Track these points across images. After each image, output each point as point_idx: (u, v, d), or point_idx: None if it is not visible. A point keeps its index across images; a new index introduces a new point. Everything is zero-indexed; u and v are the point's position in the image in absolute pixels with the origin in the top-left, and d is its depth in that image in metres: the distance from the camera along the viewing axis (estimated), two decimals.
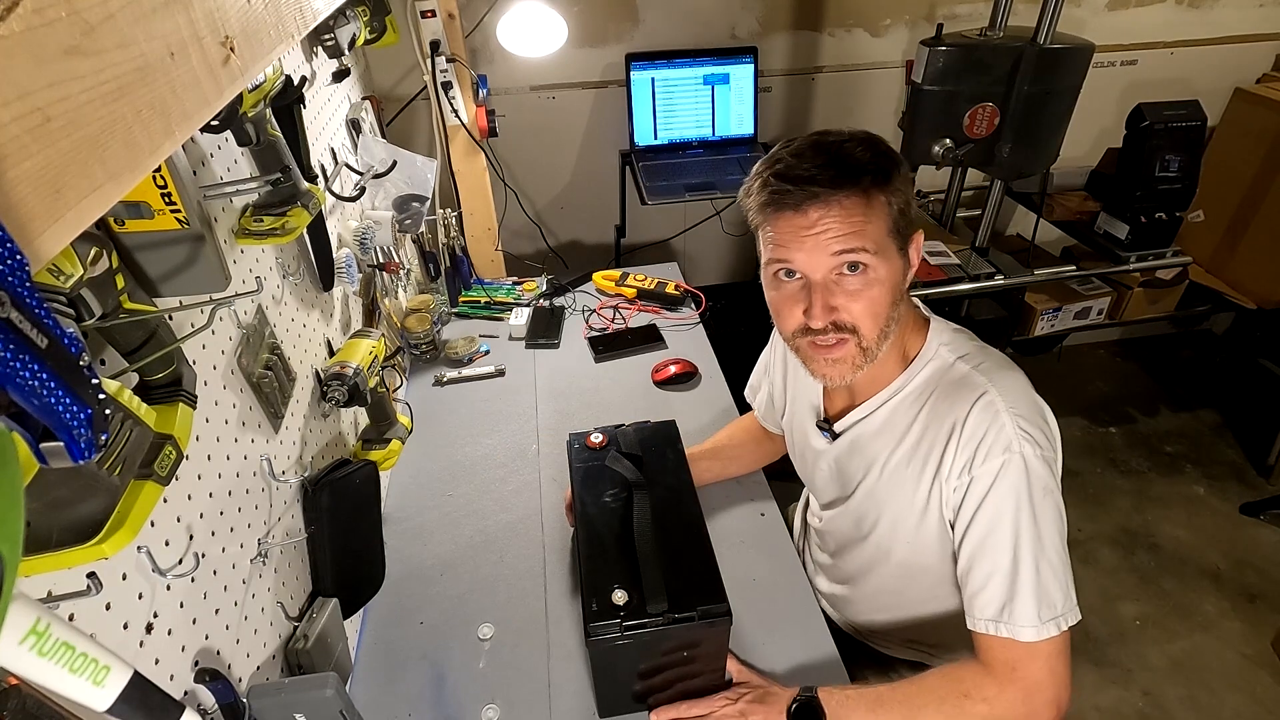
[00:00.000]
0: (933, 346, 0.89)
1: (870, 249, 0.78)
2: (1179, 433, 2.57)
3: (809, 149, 0.80)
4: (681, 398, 1.49)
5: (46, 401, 0.25)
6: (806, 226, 0.78)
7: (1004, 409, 0.80)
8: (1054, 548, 0.79)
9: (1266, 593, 2.03)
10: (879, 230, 0.79)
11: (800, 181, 0.77)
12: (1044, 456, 0.79)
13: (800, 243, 0.79)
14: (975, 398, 0.82)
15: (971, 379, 0.84)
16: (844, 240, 0.78)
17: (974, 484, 0.80)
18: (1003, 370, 0.85)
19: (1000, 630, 0.79)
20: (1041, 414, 0.83)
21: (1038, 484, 0.78)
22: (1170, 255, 2.06)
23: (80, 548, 0.48)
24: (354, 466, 1.07)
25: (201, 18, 0.38)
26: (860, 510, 0.97)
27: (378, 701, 0.98)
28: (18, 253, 0.23)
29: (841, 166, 0.78)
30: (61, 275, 0.47)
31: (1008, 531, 0.78)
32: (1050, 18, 1.66)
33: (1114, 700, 1.80)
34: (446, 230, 1.73)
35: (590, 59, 2.10)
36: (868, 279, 0.80)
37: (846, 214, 0.77)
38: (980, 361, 0.86)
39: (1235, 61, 2.39)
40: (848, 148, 0.79)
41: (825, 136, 0.81)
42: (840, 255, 0.78)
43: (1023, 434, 0.79)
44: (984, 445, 0.79)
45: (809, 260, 0.80)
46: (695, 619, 0.82)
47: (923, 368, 0.88)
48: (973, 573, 0.82)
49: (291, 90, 0.86)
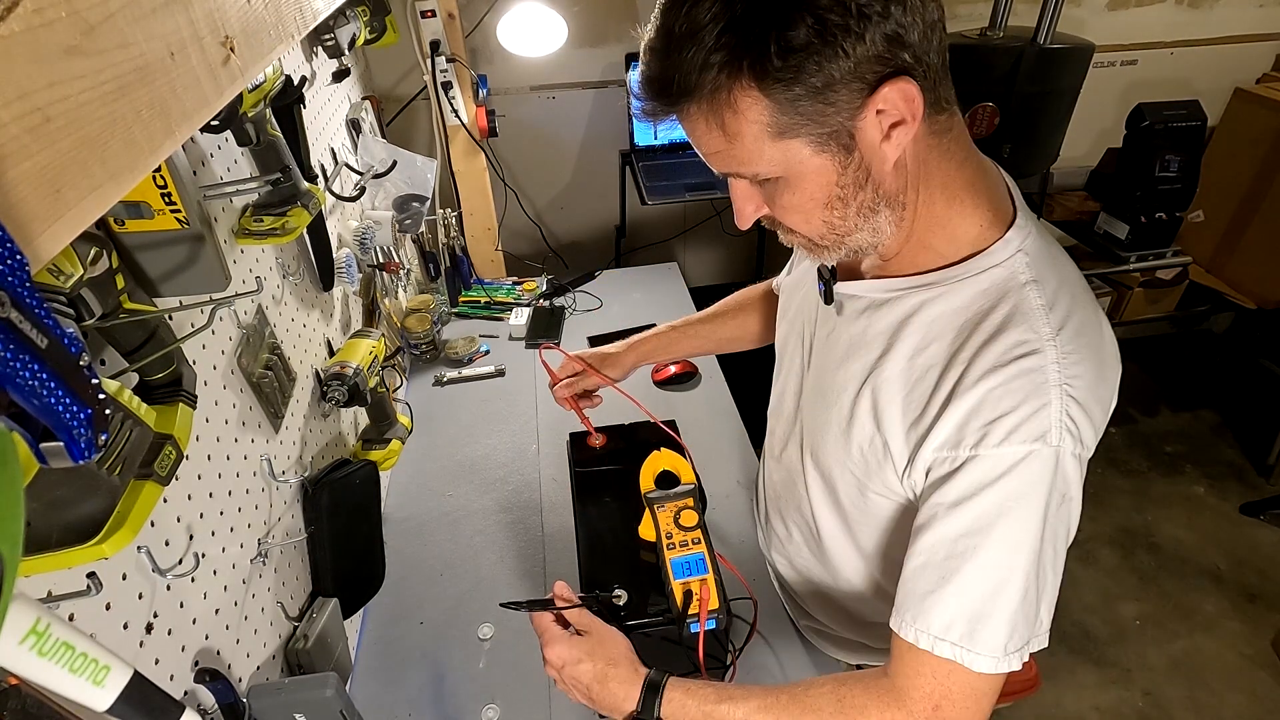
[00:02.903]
0: (1008, 249, 0.62)
1: (746, 172, 0.58)
2: (1179, 433, 2.56)
3: (652, 42, 0.56)
4: (681, 398, 1.49)
5: (46, 401, 0.25)
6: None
7: (1057, 382, 0.58)
8: (1052, 567, 0.61)
9: (1266, 593, 2.03)
10: (753, 144, 0.55)
11: (642, 98, 0.58)
12: (1079, 455, 0.60)
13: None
14: (1027, 350, 0.59)
15: (1035, 322, 0.59)
16: (717, 162, 0.59)
17: (977, 463, 0.60)
18: (1082, 326, 0.61)
19: (950, 653, 0.61)
20: (1102, 400, 0.62)
21: (1060, 490, 0.60)
22: (1170, 255, 2.06)
23: (80, 548, 0.48)
24: (354, 466, 1.07)
25: (201, 18, 0.38)
26: (811, 419, 0.79)
27: (378, 701, 0.98)
28: (18, 253, 0.23)
29: (667, 82, 0.55)
30: (61, 275, 0.47)
31: (1004, 540, 0.59)
32: (1050, 18, 1.66)
33: (1114, 700, 1.80)
34: (446, 230, 1.73)
35: (590, 59, 2.10)
36: (774, 190, 0.60)
37: (700, 131, 0.57)
38: (1058, 300, 0.61)
39: (1235, 61, 2.40)
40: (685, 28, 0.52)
41: None
42: (729, 175, 0.61)
43: (1068, 422, 0.58)
44: (1009, 421, 0.58)
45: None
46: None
47: (985, 269, 0.62)
48: (929, 571, 0.62)
49: (291, 90, 0.86)
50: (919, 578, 0.63)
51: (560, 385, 1.09)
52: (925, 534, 0.63)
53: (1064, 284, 0.63)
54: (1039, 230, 0.65)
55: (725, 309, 1.12)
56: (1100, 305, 0.67)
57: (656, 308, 1.78)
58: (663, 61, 0.54)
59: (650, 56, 0.56)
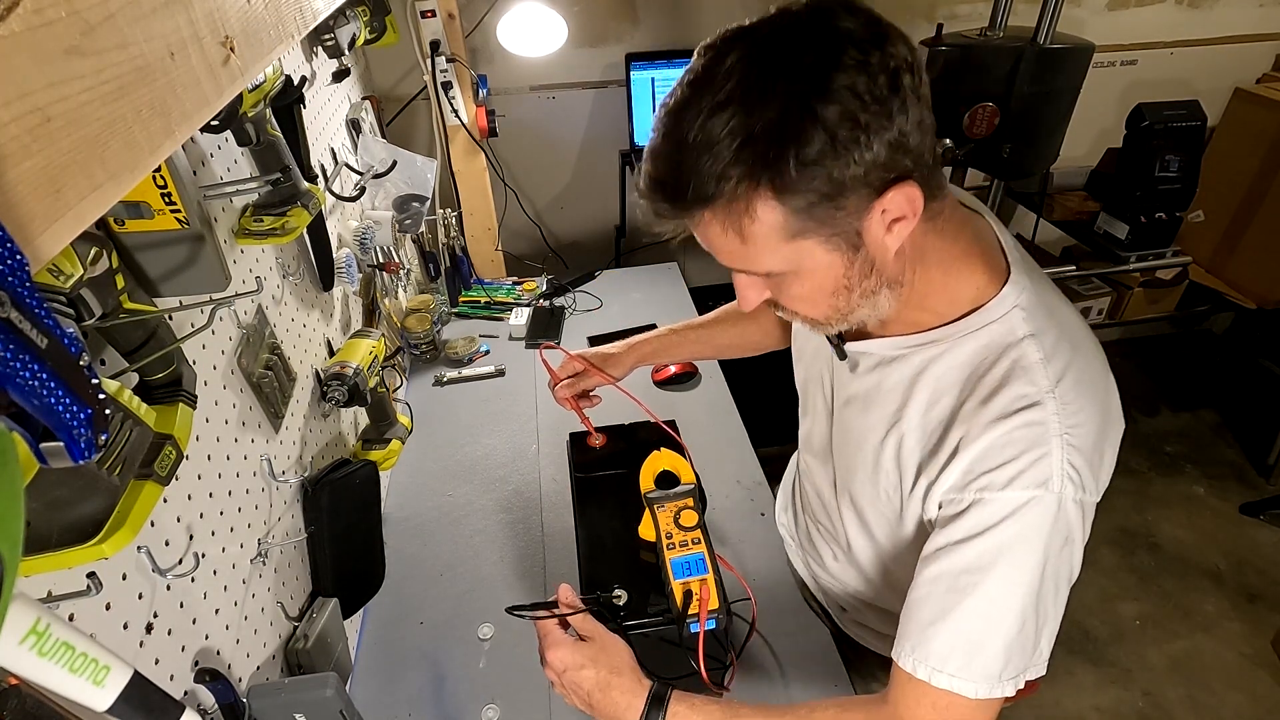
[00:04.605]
0: (1004, 304, 0.65)
1: (758, 270, 0.61)
2: (1179, 433, 2.57)
3: (657, 147, 0.58)
4: (681, 398, 1.49)
5: (46, 401, 0.25)
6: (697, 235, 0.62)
7: (1058, 433, 0.61)
8: (1053, 604, 0.64)
9: (1266, 593, 2.03)
10: (766, 246, 0.57)
11: (649, 200, 0.60)
12: (1081, 501, 0.62)
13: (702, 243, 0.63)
14: (1026, 404, 0.62)
15: (1034, 374, 0.62)
16: (727, 259, 0.62)
17: (983, 506, 0.63)
18: (1080, 375, 0.64)
19: (946, 684, 0.63)
20: (1101, 449, 0.64)
21: (1061, 533, 0.62)
22: (1170, 255, 2.06)
23: (80, 548, 0.48)
24: (354, 466, 1.07)
25: (201, 18, 0.38)
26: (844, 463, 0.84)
27: (378, 701, 0.98)
28: (18, 253, 0.23)
29: (678, 189, 0.56)
30: (61, 275, 0.47)
31: (1004, 578, 0.62)
32: (1050, 18, 1.66)
33: (1114, 700, 1.80)
34: (446, 230, 1.73)
35: (590, 59, 2.10)
36: (782, 283, 0.63)
37: (713, 235, 0.59)
38: (1057, 352, 0.64)
39: (1235, 61, 2.39)
40: (697, 140, 0.53)
41: (686, 105, 0.54)
42: (737, 271, 0.63)
43: (1069, 470, 0.61)
44: (1011, 468, 0.61)
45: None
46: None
47: (983, 326, 0.66)
48: (930, 604, 0.65)
49: (291, 90, 0.86)
50: (920, 609, 0.66)
51: (561, 385, 1.09)
52: (929, 568, 0.66)
53: (1063, 335, 0.65)
54: (1034, 283, 0.68)
55: (724, 315, 1.13)
56: (1099, 347, 0.70)
57: (656, 308, 1.78)
58: (676, 169, 0.56)
59: (661, 162, 0.57)
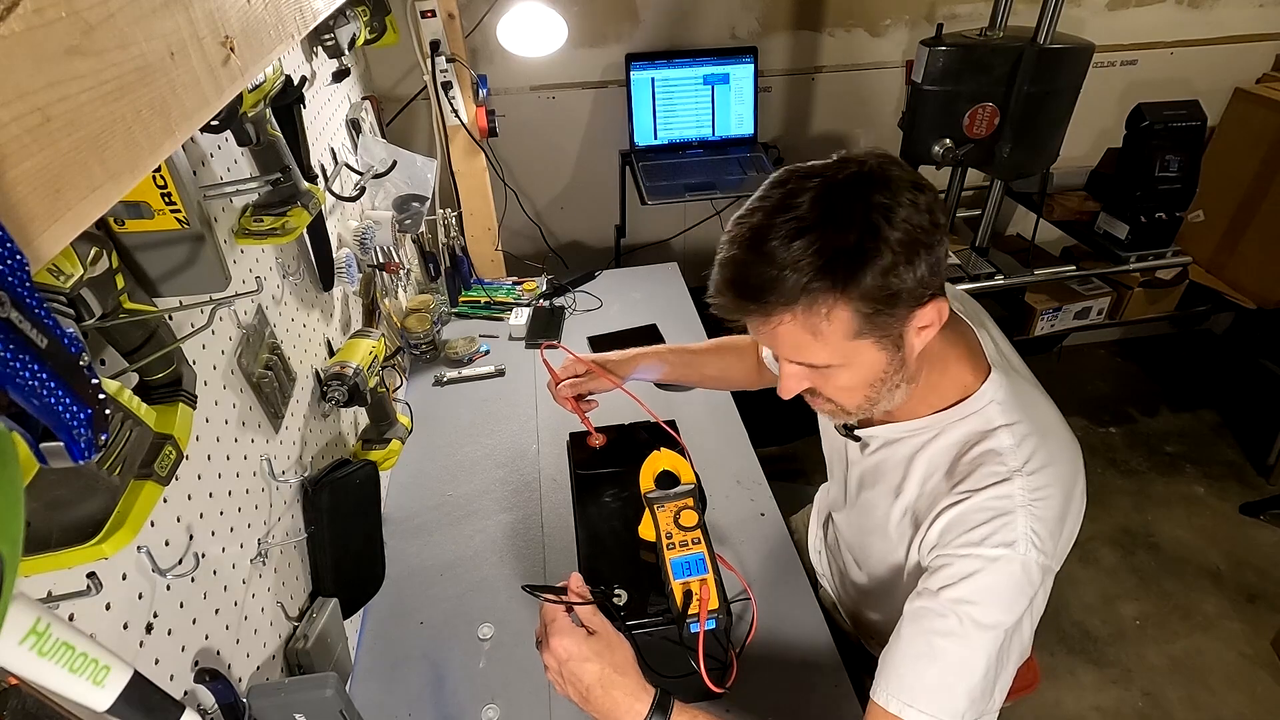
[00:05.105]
0: (983, 398, 0.79)
1: (819, 363, 0.71)
2: (1179, 433, 2.57)
3: (738, 257, 0.68)
4: (682, 398, 1.49)
5: (46, 401, 0.25)
6: (756, 329, 0.72)
7: (1024, 504, 0.71)
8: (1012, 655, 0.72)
9: (1266, 593, 2.03)
10: (831, 344, 0.69)
11: (724, 309, 0.70)
12: (1043, 564, 0.71)
13: (758, 334, 0.73)
14: (996, 480, 0.73)
15: (1006, 457, 0.74)
16: (791, 351, 0.72)
17: (958, 560, 0.73)
18: (1048, 460, 0.75)
19: (914, 717, 0.71)
20: (1063, 522, 0.74)
21: (1026, 592, 0.71)
22: (1170, 255, 2.06)
23: (80, 548, 0.48)
24: (354, 466, 1.07)
25: (201, 18, 0.38)
26: (861, 522, 0.96)
27: (378, 701, 0.98)
28: (18, 253, 0.23)
29: (762, 292, 0.66)
30: (61, 275, 0.47)
31: (975, 625, 0.70)
32: (1050, 18, 1.66)
33: (1114, 700, 1.80)
34: (446, 230, 1.73)
35: (590, 59, 2.10)
36: (829, 375, 0.73)
37: (786, 333, 0.69)
38: (1026, 440, 0.75)
39: (1235, 61, 2.39)
40: (783, 255, 0.65)
41: (768, 227, 0.66)
42: (789, 363, 0.74)
43: (1032, 536, 0.70)
44: (982, 530, 0.72)
45: (770, 350, 0.75)
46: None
47: (965, 416, 0.79)
48: (907, 647, 0.73)
49: (291, 90, 0.86)
50: (896, 651, 0.74)
51: (564, 385, 1.09)
52: (907, 614, 0.75)
53: (1035, 425, 0.77)
54: (1010, 380, 0.81)
55: (713, 347, 1.22)
56: (1071, 434, 0.81)
57: (656, 308, 1.78)
58: (760, 277, 0.66)
59: (744, 270, 0.68)
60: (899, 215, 0.65)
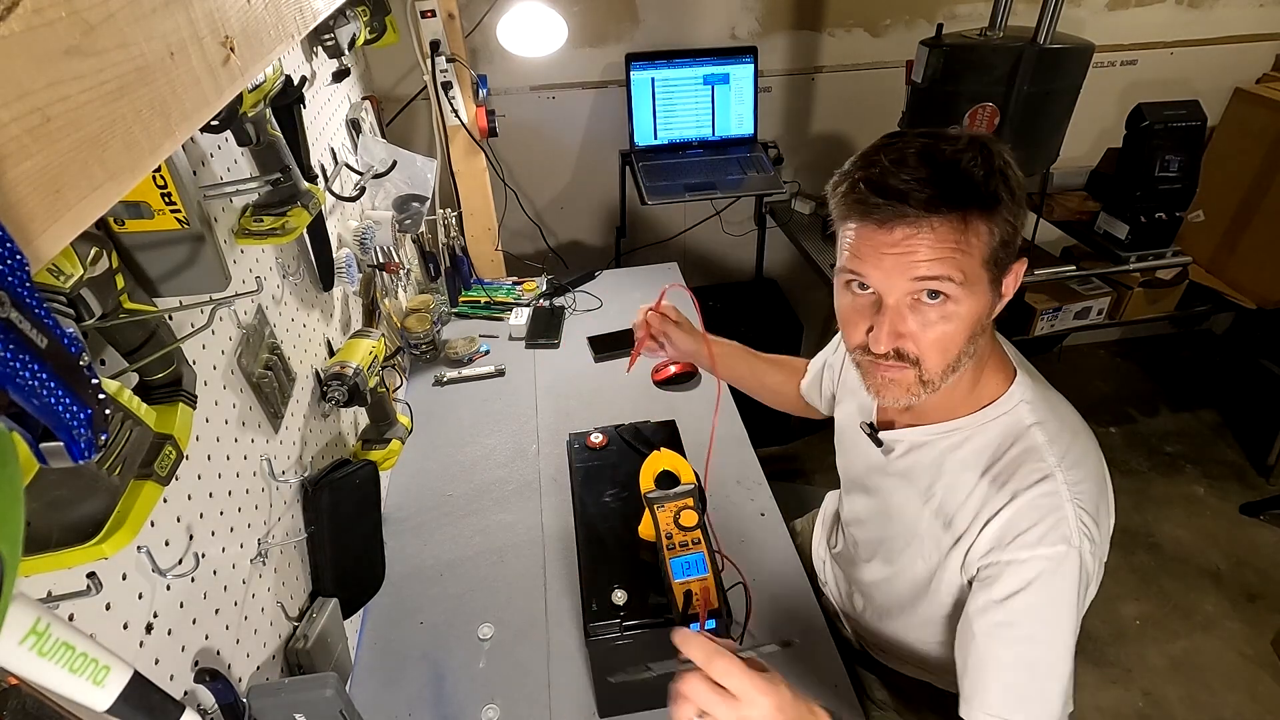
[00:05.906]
0: (1013, 398, 0.80)
1: (956, 279, 0.69)
2: (1179, 433, 2.57)
3: (914, 156, 0.69)
4: (682, 397, 1.49)
5: (46, 401, 0.25)
6: (890, 244, 0.69)
7: (1069, 498, 0.73)
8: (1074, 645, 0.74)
9: (1266, 593, 2.03)
10: (972, 261, 0.69)
11: (892, 196, 0.68)
12: (1094, 553, 0.74)
13: (879, 259, 0.70)
14: (1040, 477, 0.74)
15: (1043, 454, 0.76)
16: (930, 265, 0.69)
17: (1018, 565, 0.73)
18: (1081, 455, 0.77)
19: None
20: (1100, 506, 0.76)
21: (1084, 580, 0.73)
22: (1170, 255, 2.06)
23: (80, 548, 0.48)
24: (354, 466, 1.07)
25: (201, 18, 0.38)
26: (884, 530, 0.95)
27: (378, 701, 0.98)
28: (18, 253, 0.23)
29: (945, 186, 0.67)
30: (61, 275, 0.47)
31: (1050, 625, 0.72)
32: (1050, 18, 1.66)
33: (1114, 700, 1.80)
34: (446, 230, 1.73)
35: (590, 59, 2.10)
36: (946, 311, 0.71)
37: (938, 239, 0.68)
38: (1058, 436, 0.78)
39: (1235, 61, 2.39)
40: (960, 161, 0.68)
41: (937, 142, 0.70)
42: (921, 281, 0.70)
43: (1083, 527, 0.73)
44: (1038, 530, 0.73)
45: (885, 280, 0.71)
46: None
47: (997, 417, 0.80)
48: (990, 660, 0.74)
49: (291, 90, 0.86)
50: (980, 667, 0.74)
51: (657, 313, 1.15)
52: (979, 626, 0.75)
53: (1063, 423, 0.79)
54: (1034, 382, 0.83)
55: (775, 360, 1.23)
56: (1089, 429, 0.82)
57: None
58: (932, 175, 0.68)
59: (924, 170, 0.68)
60: (1012, 169, 0.71)
